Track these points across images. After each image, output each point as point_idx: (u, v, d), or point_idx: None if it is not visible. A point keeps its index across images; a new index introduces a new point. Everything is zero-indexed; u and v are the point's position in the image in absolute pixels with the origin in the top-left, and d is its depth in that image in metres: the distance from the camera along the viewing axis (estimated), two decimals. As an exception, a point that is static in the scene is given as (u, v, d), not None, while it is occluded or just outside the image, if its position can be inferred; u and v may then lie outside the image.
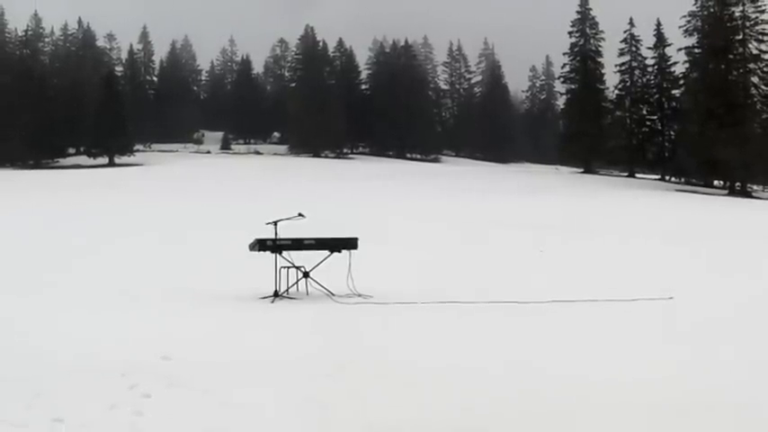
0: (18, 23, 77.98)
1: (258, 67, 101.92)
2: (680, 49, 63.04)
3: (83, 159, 66.90)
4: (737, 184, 52.89)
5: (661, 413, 5.16)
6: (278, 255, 9.99)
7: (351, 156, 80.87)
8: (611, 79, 70.24)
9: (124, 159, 65.08)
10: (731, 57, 55.27)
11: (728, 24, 55.53)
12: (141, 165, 61.33)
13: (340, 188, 39.48)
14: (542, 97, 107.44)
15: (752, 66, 56.17)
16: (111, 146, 65.74)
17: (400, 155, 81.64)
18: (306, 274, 10.14)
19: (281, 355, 6.75)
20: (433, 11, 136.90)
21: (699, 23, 60.63)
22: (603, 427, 4.95)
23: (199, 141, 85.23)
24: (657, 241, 19.10)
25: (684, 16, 62.44)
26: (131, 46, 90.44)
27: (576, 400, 5.47)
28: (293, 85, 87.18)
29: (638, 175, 66.30)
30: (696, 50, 59.47)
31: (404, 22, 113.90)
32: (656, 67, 68.17)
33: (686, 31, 62.05)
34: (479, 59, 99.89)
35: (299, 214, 10.16)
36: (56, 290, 10.41)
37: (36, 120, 62.07)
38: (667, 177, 64.39)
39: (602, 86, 70.46)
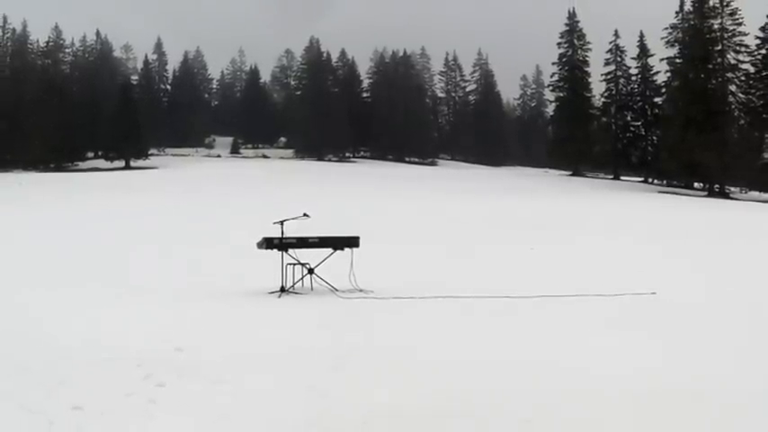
0: (40, 35, 78.09)
1: (266, 76, 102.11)
2: (662, 59, 63.28)
3: (100, 163, 66.90)
4: (716, 186, 52.91)
5: (648, 402, 5.15)
6: (284, 252, 10.00)
7: (353, 159, 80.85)
8: (598, 87, 70.64)
9: (139, 163, 65.01)
10: (710, 66, 55.30)
11: (708, 36, 55.54)
12: (156, 168, 61.29)
13: (343, 190, 39.45)
14: (533, 104, 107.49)
15: (730, 75, 56.22)
16: (126, 150, 65.71)
17: (399, 158, 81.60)
18: (310, 271, 10.14)
19: (287, 347, 6.75)
20: (431, 23, 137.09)
21: (680, 35, 60.70)
22: (593, 414, 4.95)
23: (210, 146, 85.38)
24: (641, 239, 19.09)
25: (666, 28, 62.64)
26: (146, 56, 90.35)
27: (568, 388, 5.46)
28: (299, 92, 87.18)
29: (622, 178, 66.45)
30: (677, 60, 59.53)
31: (403, 33, 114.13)
32: (639, 76, 68.37)
33: (668, 42, 62.19)
34: (474, 69, 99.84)
35: (305, 214, 10.17)
36: (76, 285, 10.42)
37: (57, 125, 62.10)
38: (650, 180, 64.52)
39: (588, 94, 70.63)
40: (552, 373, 5.89)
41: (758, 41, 55.54)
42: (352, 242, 10.31)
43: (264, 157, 79.16)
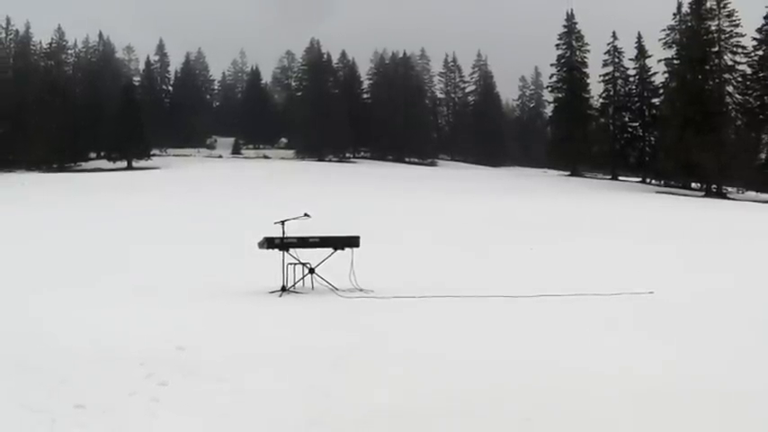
0: (43, 36, 78.04)
1: (267, 77, 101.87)
2: (660, 61, 63.36)
3: (103, 163, 66.87)
4: (713, 186, 52.90)
5: (647, 400, 5.14)
6: (285, 252, 9.99)
7: (353, 160, 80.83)
8: (596, 88, 70.68)
9: (142, 163, 64.96)
10: (707, 68, 55.34)
11: (705, 37, 55.59)
12: (158, 168, 61.26)
13: (343, 190, 39.44)
14: (531, 105, 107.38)
15: (727, 76, 56.27)
16: (129, 151, 65.66)
17: (399, 159, 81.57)
18: (311, 270, 10.13)
19: (288, 346, 6.74)
20: (430, 24, 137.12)
21: (677, 37, 60.67)
22: (593, 413, 4.94)
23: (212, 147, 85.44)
24: (638, 239, 19.08)
25: (664, 30, 62.61)
26: (148, 58, 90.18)
27: (568, 387, 5.45)
28: (299, 93, 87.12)
29: (620, 178, 66.48)
30: (675, 62, 59.52)
31: (402, 35, 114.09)
32: (637, 77, 68.40)
33: (665, 43, 62.19)
34: (473, 70, 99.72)
35: (305, 214, 10.16)
36: (78, 285, 10.42)
37: (59, 126, 62.12)
38: (648, 180, 64.51)
39: (587, 95, 70.67)
40: (552, 372, 5.88)
41: (755, 43, 55.61)
42: (352, 242, 10.31)
43: (265, 157, 79.09)
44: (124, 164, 65.48)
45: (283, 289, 9.78)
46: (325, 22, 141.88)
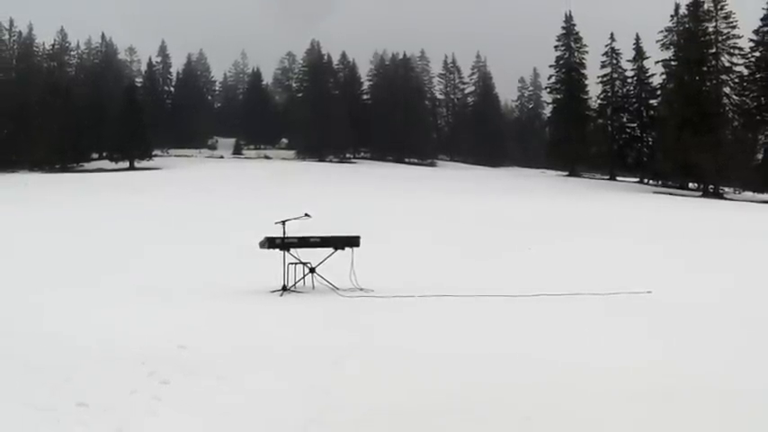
0: (45, 38, 77.98)
1: (268, 78, 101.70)
2: (657, 62, 63.39)
3: (105, 164, 66.83)
4: (710, 186, 52.91)
5: (646, 398, 5.13)
6: (286, 252, 9.99)
7: (353, 160, 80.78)
8: (594, 89, 70.71)
9: (143, 164, 64.92)
10: (705, 69, 55.34)
11: (702, 39, 55.61)
12: (159, 169, 61.23)
13: (343, 190, 39.43)
14: (530, 106, 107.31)
15: (724, 77, 56.27)
16: (131, 151, 65.63)
17: (399, 159, 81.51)
18: (312, 270, 10.13)
19: (288, 345, 6.74)
20: (430, 26, 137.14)
21: (675, 38, 60.69)
22: (591, 411, 4.93)
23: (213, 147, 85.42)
24: (636, 239, 19.07)
25: (661, 31, 62.60)
26: (150, 59, 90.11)
27: (565, 385, 5.45)
28: (300, 94, 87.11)
29: (618, 179, 66.48)
30: (672, 63, 59.54)
31: (402, 36, 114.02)
32: (635, 78, 68.44)
33: (663, 44, 62.20)
34: (472, 71, 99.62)
35: (306, 214, 10.16)
36: (80, 285, 10.41)
37: (62, 127, 62.08)
38: (646, 180, 64.52)
39: (585, 96, 70.71)
40: (551, 370, 5.87)
41: (752, 44, 55.61)
42: (352, 241, 10.31)
43: (266, 157, 79.00)
44: (126, 164, 65.43)
45: (284, 288, 9.77)
46: (325, 20, 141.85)
